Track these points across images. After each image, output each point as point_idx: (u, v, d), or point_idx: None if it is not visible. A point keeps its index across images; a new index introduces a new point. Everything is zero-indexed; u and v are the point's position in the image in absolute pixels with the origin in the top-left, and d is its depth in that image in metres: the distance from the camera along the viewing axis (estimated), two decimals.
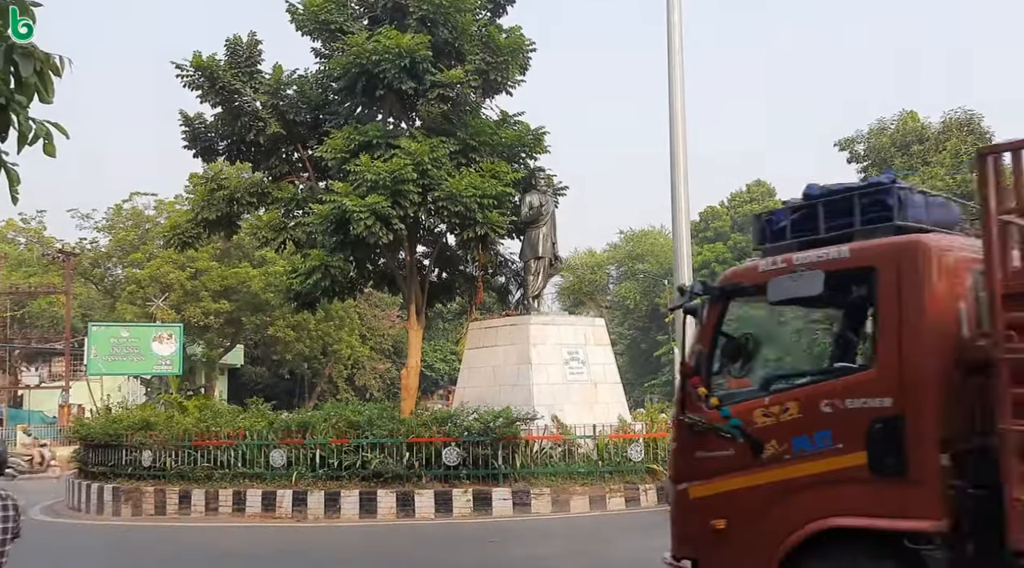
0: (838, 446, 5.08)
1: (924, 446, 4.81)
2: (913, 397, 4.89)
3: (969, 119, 35.21)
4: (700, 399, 5.70)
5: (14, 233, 47.69)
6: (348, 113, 19.24)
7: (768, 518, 5.29)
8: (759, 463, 5.39)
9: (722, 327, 5.84)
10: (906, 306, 4.98)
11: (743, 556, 5.42)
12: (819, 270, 5.30)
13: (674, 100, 14.58)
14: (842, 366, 5.73)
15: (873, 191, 5.47)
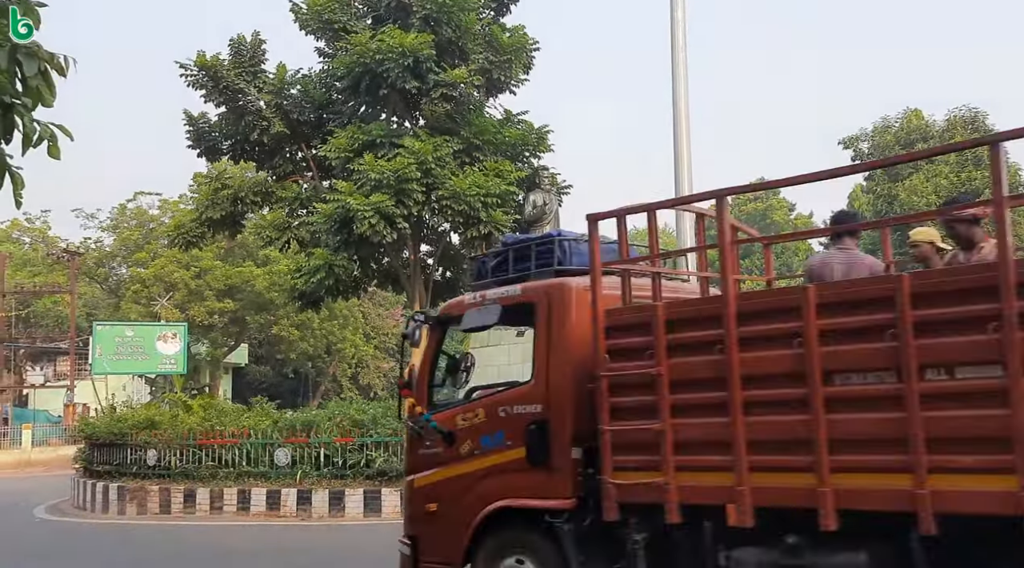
0: (508, 443, 6.34)
1: (561, 442, 6.04)
2: (555, 404, 6.13)
3: (974, 117, 35.15)
4: (410, 407, 7.13)
5: (19, 233, 47.80)
6: (352, 112, 19.26)
7: (464, 501, 6.50)
8: (458, 458, 6.66)
9: (441, 349, 7.39)
10: (553, 333, 6.26)
11: (447, 533, 6.61)
12: (498, 304, 6.70)
13: (678, 98, 14.57)
14: (513, 381, 7.04)
15: (544, 242, 6.85)
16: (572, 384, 6.05)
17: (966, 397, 4.38)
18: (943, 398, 4.45)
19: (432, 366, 7.33)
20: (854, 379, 4.77)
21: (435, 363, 7.35)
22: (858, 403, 4.74)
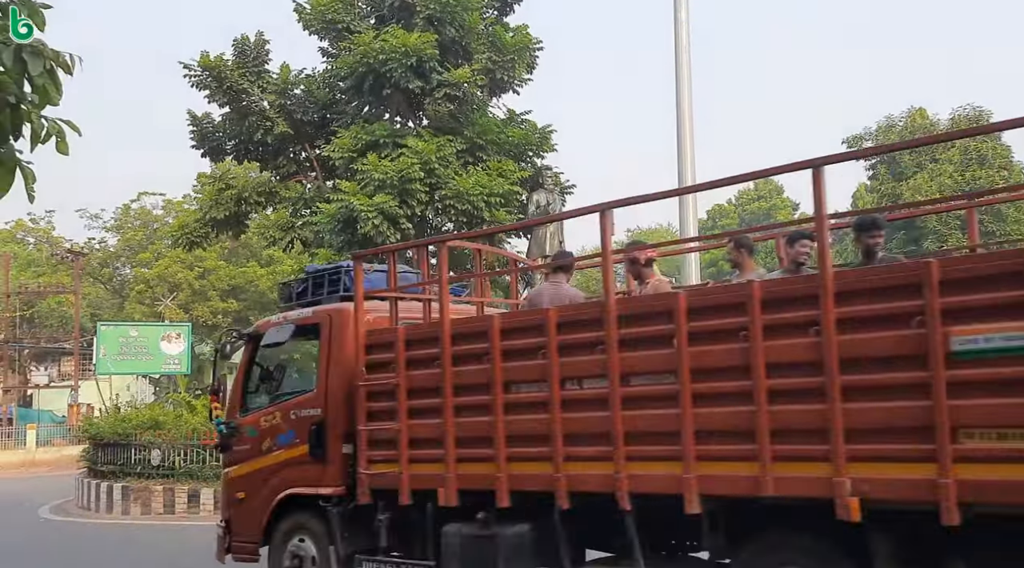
0: (296, 441, 7.51)
1: (335, 440, 7.20)
2: (331, 408, 7.30)
3: (978, 116, 35.07)
4: (216, 411, 8.49)
5: (23, 233, 47.89)
6: (355, 112, 19.28)
7: (263, 490, 7.72)
8: (260, 453, 7.84)
9: (255, 360, 8.38)
10: (332, 349, 7.42)
11: (251, 517, 7.83)
12: (292, 324, 8.05)
13: (681, 97, 14.58)
14: (303, 388, 8.12)
15: (335, 272, 8.05)
16: (344, 392, 7.21)
17: (645, 401, 5.55)
18: (632, 400, 5.56)
19: (247, 375, 8.42)
20: (525, 388, 6.12)
21: (249, 373, 8.42)
22: (527, 407, 6.05)
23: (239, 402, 8.32)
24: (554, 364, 5.79)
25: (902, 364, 4.64)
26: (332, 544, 7.21)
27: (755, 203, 56.17)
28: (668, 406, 5.34)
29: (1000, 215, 31.77)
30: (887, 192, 34.62)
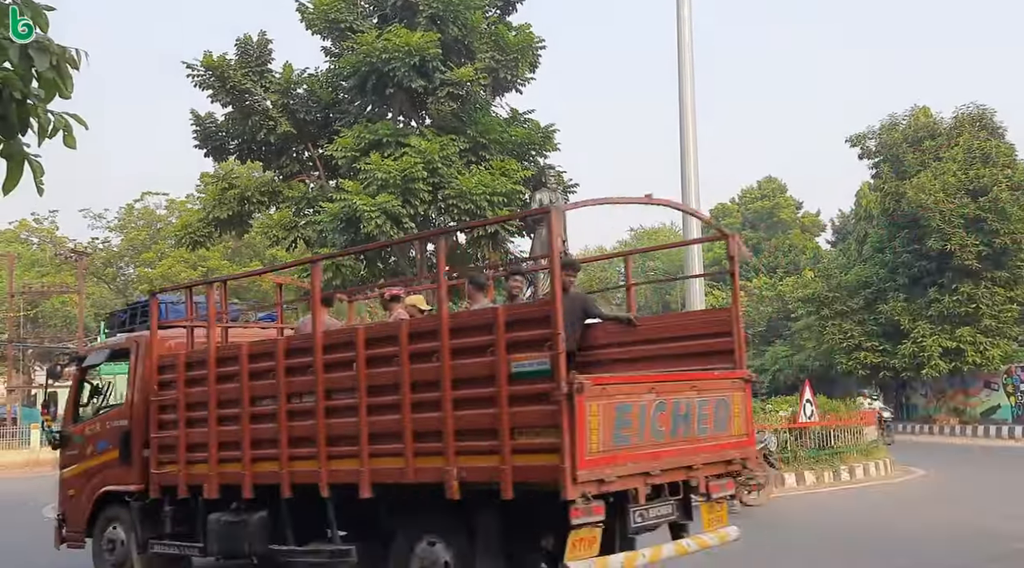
0: (110, 447, 8.96)
1: (137, 446, 8.62)
2: (135, 419, 8.72)
3: (981, 114, 35.00)
4: (47, 422, 10.62)
5: (27, 233, 47.95)
6: (358, 112, 19.30)
7: (87, 488, 9.21)
8: (85, 457, 9.33)
9: (84, 378, 10.08)
10: (137, 370, 8.92)
11: (79, 511, 9.32)
12: (108, 349, 9.80)
13: (684, 95, 14.58)
14: (118, 403, 9.79)
15: (145, 304, 9.43)
16: (145, 406, 8.62)
17: (338, 411, 7.03)
18: (331, 410, 7.05)
19: (77, 391, 9.98)
20: (263, 403, 7.52)
21: (80, 389, 10.02)
22: (263, 418, 7.50)
23: (70, 414, 9.87)
24: (280, 383, 7.39)
25: (484, 382, 6.15)
26: (134, 531, 8.78)
27: (758, 202, 56.11)
28: (350, 416, 6.88)
29: (1004, 213, 31.70)
30: (890, 190, 34.54)
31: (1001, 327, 32.57)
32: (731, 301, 7.55)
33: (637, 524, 6.64)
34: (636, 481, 6.29)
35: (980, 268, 32.20)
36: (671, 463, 6.58)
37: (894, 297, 34.47)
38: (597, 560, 6.06)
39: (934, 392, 36.42)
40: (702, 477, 6.85)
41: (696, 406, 6.85)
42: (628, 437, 6.21)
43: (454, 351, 6.34)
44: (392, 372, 6.66)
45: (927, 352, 32.54)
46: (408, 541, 6.79)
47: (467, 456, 6.25)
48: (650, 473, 6.35)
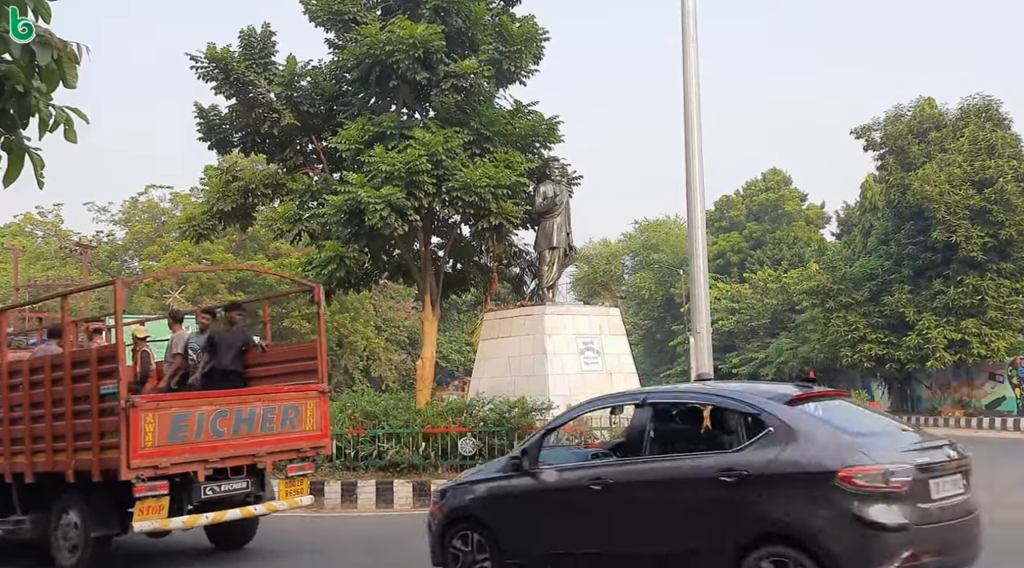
0: None
1: None
2: None
3: (987, 105, 34.87)
4: None
5: (32, 227, 48.01)
6: (362, 104, 19.26)
7: None
8: None
9: None
10: None
11: None
12: None
13: (688, 87, 14.48)
14: None
15: None
16: None
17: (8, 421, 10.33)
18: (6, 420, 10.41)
19: None
20: None
21: None
22: None
23: None
24: None
25: (86, 400, 9.33)
26: None
27: (762, 194, 55.99)
28: (20, 423, 9.99)
29: (1010, 205, 31.60)
30: (896, 182, 34.44)
31: (1006, 319, 32.50)
32: None
33: (208, 496, 9.59)
34: (195, 466, 9.31)
35: (985, 260, 32.12)
36: (234, 453, 9.63)
37: (899, 289, 34.40)
38: (162, 521, 9.15)
39: (939, 384, 36.38)
40: (269, 461, 10.19)
41: (261, 412, 9.90)
42: (185, 436, 9.16)
43: (73, 378, 9.47)
44: (39, 393, 9.83)
45: (932, 344, 32.49)
46: (57, 512, 9.73)
47: (79, 453, 9.33)
48: (208, 460, 9.39)
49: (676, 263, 53.57)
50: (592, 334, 18.40)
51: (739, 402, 6.99)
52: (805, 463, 6.29)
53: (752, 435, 6.67)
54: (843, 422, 6.71)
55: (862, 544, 6.01)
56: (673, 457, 7.04)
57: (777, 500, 6.31)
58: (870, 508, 5.98)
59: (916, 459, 6.30)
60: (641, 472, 7.06)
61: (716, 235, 53.30)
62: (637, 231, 64.70)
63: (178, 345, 11.93)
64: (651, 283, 57.66)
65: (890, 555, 5.92)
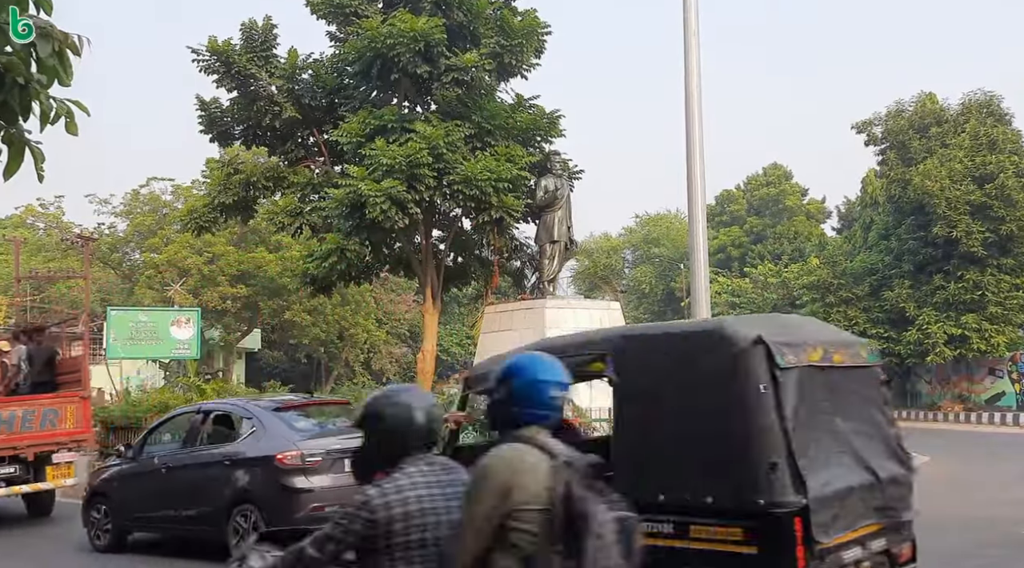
0: None
1: None
2: None
3: (989, 100, 34.80)
4: None
5: (33, 218, 47.99)
6: (363, 97, 19.26)
7: None
8: None
9: None
10: None
11: None
12: None
13: (690, 81, 14.47)
14: None
15: None
16: None
17: None
18: None
19: None
20: None
21: None
22: None
23: None
24: None
25: None
26: None
27: (763, 188, 55.94)
28: None
29: (1011, 200, 31.58)
30: (896, 177, 34.40)
31: (1007, 314, 32.49)
32: None
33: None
34: None
35: (986, 255, 32.10)
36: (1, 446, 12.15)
37: (899, 284, 34.38)
38: None
39: (939, 379, 36.39)
40: (30, 453, 12.48)
41: (21, 414, 12.50)
42: None
43: None
44: None
45: (932, 339, 32.49)
46: None
47: None
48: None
49: (677, 257, 53.51)
50: (593, 328, 18.40)
51: (244, 409, 10.31)
52: (264, 450, 9.36)
53: (246, 432, 9.87)
54: (296, 423, 9.87)
55: (287, 501, 9.02)
56: (206, 448, 10.18)
57: (247, 475, 9.41)
58: (292, 478, 9.09)
59: (329, 446, 9.24)
60: (187, 458, 10.22)
61: (717, 229, 53.28)
62: (638, 225, 64.62)
63: (13, 358, 13.80)
64: (652, 277, 57.63)
65: (301, 507, 8.86)
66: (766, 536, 4.65)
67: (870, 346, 6.02)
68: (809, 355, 5.17)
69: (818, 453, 4.94)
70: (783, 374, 4.90)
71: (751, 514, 4.67)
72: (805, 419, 4.93)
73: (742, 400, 4.86)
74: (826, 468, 4.94)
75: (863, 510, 5.06)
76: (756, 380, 4.84)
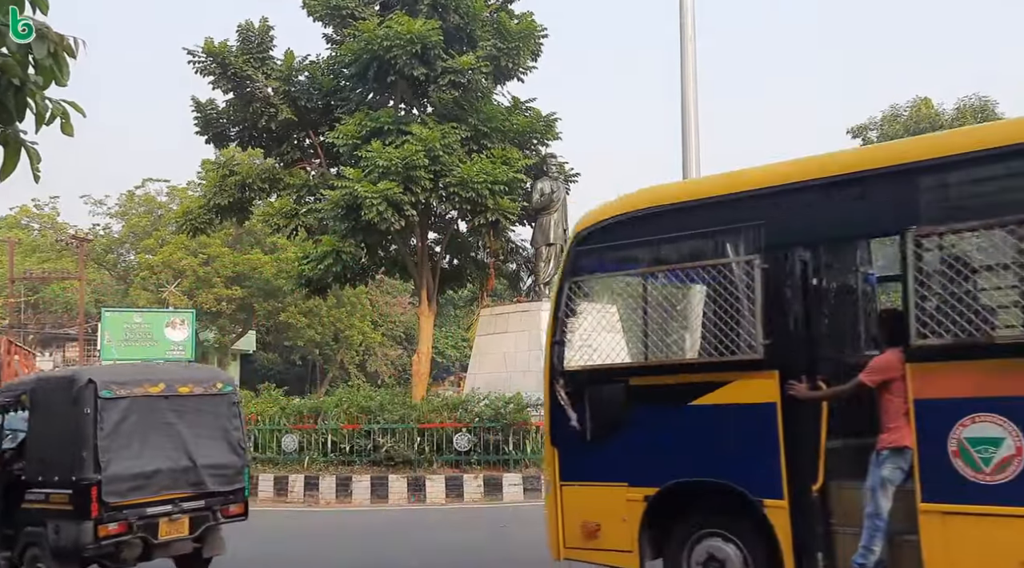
0: None
1: None
2: None
3: (984, 105, 34.88)
4: None
5: (28, 219, 47.89)
6: (359, 99, 19.25)
7: None
8: None
9: None
10: None
11: None
12: None
13: (686, 87, 14.49)
14: None
15: None
16: None
17: None
18: None
19: None
20: None
21: None
22: None
23: None
24: None
25: None
26: None
27: None
28: None
29: None
30: None
31: None
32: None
33: None
34: None
35: None
36: None
37: None
38: None
39: None
40: None
41: None
42: None
43: None
44: None
45: None
46: None
47: None
48: None
49: None
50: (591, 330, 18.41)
51: None
52: None
53: None
54: None
55: None
56: None
57: None
58: None
59: None
60: None
61: None
62: None
63: None
64: None
65: None
66: (78, 497, 7.32)
67: (226, 379, 8.68)
68: (148, 389, 7.86)
69: (142, 449, 7.65)
70: (106, 402, 7.52)
71: (71, 485, 7.37)
72: (132, 428, 7.64)
73: (76, 418, 7.48)
74: (139, 457, 7.62)
75: (171, 483, 7.76)
76: (84, 406, 7.47)
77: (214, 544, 8.28)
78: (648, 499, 6.16)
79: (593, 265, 6.89)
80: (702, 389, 6.01)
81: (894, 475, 5.40)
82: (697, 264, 6.24)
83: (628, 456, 6.32)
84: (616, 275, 6.95)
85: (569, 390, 6.61)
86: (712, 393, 5.99)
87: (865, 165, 5.78)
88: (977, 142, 5.41)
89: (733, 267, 5.95)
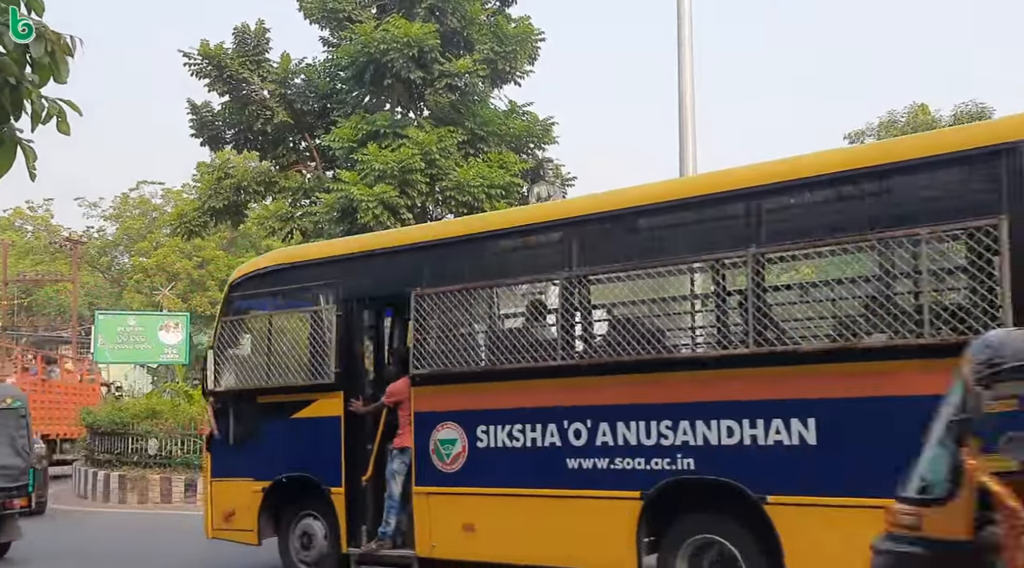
0: None
1: None
2: None
3: (980, 111, 34.94)
4: None
5: (21, 221, 47.83)
6: (356, 102, 19.21)
7: None
8: None
9: None
10: None
11: None
12: None
13: (683, 92, 14.46)
14: None
15: None
16: None
17: None
18: None
19: None
20: None
21: None
22: None
23: None
24: None
25: None
26: None
27: None
28: None
29: None
30: None
31: None
32: None
33: None
34: None
35: None
36: None
37: None
38: None
39: None
40: None
41: None
42: None
43: None
44: None
45: None
46: None
47: None
48: None
49: None
50: None
51: None
52: None
53: None
54: None
55: None
56: None
57: None
58: None
59: None
60: None
61: None
62: None
63: None
64: None
65: None
66: None
67: (16, 396, 10.74)
68: None
69: None
70: None
71: None
72: None
73: None
74: None
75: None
76: None
77: (10, 531, 10.31)
78: (264, 490, 8.25)
79: (240, 307, 8.89)
80: (300, 406, 8.13)
81: (401, 468, 7.51)
82: (303, 310, 8.41)
83: (253, 457, 8.39)
84: (254, 315, 8.83)
85: (218, 407, 8.69)
86: (306, 408, 8.11)
87: (384, 244, 8.25)
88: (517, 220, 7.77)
89: (322, 314, 8.10)
